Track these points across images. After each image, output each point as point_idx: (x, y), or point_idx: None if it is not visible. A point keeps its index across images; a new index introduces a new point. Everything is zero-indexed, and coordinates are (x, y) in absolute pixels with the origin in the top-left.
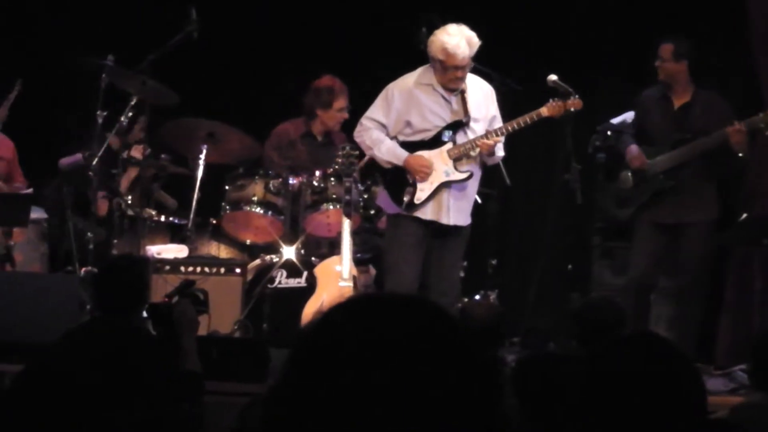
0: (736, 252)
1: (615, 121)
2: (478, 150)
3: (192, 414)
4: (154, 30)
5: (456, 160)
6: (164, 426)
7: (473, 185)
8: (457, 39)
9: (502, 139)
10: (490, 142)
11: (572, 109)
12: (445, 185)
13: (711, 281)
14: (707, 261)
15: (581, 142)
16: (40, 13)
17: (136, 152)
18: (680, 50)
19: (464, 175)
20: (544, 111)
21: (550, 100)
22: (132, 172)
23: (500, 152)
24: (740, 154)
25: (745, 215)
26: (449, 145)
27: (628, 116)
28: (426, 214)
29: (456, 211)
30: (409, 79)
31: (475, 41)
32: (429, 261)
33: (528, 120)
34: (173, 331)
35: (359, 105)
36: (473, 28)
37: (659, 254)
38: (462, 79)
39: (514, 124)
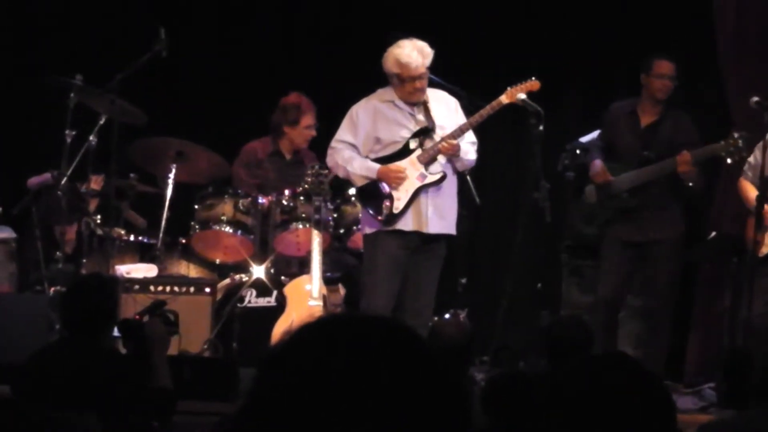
0: (704, 270)
1: (584, 139)
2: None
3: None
4: (123, 49)
5: (427, 164)
6: None
7: (451, 191)
8: (409, 50)
9: (463, 137)
10: (454, 142)
11: (533, 90)
12: (422, 191)
13: (679, 299)
14: (675, 279)
15: (550, 161)
16: (7, 32)
17: (95, 184)
18: (678, 70)
19: (438, 176)
20: (504, 99)
21: (508, 88)
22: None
23: (472, 155)
24: (690, 183)
25: (713, 233)
26: (418, 152)
27: (597, 135)
28: (408, 225)
29: (437, 218)
30: (371, 99)
31: (428, 50)
32: (406, 280)
33: (490, 110)
34: (144, 347)
35: (326, 123)
36: (441, 47)
37: (627, 272)
38: (421, 90)
39: (477, 117)
